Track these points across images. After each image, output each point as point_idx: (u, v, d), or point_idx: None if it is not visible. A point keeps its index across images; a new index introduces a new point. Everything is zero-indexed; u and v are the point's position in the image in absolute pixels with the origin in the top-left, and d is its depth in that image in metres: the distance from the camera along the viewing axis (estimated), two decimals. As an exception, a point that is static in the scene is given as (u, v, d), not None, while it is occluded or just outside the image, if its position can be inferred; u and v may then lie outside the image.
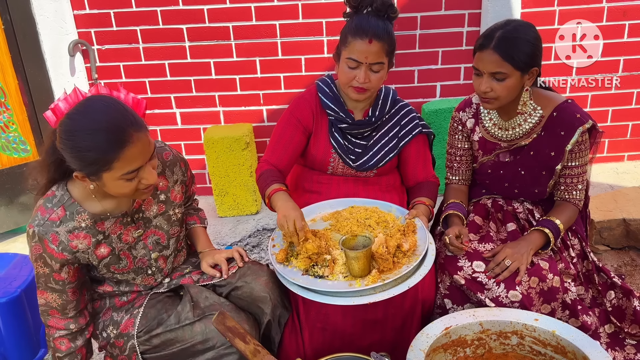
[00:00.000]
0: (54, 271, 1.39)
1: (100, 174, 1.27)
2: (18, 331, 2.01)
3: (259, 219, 3.12)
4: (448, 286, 1.67)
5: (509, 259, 1.61)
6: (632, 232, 2.47)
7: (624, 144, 3.45)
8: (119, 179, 1.28)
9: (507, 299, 1.57)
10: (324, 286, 1.47)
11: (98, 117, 1.25)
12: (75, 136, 1.24)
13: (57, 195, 1.39)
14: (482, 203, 1.90)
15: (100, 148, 1.23)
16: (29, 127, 2.98)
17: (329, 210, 1.80)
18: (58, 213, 1.37)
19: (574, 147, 1.69)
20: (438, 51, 3.17)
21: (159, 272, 1.60)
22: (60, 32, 3.01)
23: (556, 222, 1.69)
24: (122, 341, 1.53)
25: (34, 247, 1.38)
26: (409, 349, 1.39)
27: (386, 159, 1.88)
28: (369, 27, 1.65)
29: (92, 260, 1.44)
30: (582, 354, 1.36)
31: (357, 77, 1.70)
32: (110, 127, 1.24)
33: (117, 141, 1.23)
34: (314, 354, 1.64)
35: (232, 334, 1.36)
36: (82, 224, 1.39)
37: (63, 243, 1.37)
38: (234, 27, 3.09)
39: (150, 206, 1.53)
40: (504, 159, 1.81)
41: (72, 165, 1.29)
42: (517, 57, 1.58)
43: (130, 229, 1.49)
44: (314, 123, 1.88)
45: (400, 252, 1.54)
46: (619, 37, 3.16)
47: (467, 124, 1.86)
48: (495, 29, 1.63)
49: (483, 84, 1.64)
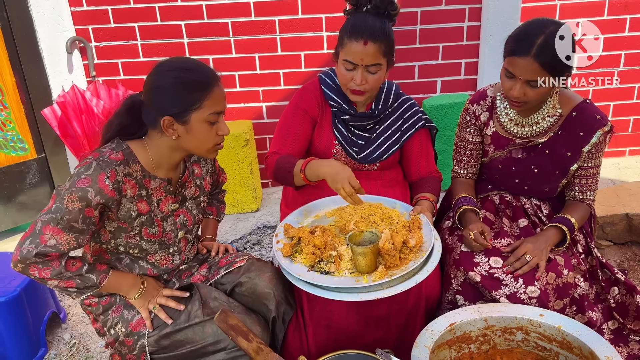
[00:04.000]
0: (88, 206, 1.32)
1: (191, 113, 1.38)
2: (18, 330, 1.99)
3: (259, 217, 3.11)
4: (462, 282, 1.65)
5: (530, 254, 1.59)
6: (635, 227, 2.47)
7: (625, 138, 3.44)
8: (204, 121, 1.40)
9: (525, 294, 1.56)
10: (330, 282, 1.45)
11: (189, 59, 1.44)
12: (173, 71, 1.38)
13: (114, 143, 1.44)
14: (490, 199, 1.88)
15: (196, 81, 1.37)
16: (27, 125, 2.96)
17: (333, 207, 1.79)
18: (117, 155, 1.40)
19: (591, 148, 1.66)
20: (439, 46, 3.15)
21: (177, 254, 1.61)
22: (57, 29, 2.98)
23: (572, 220, 1.68)
24: (131, 340, 1.51)
25: (82, 179, 1.32)
26: (414, 346, 1.38)
27: (389, 152, 1.87)
28: (364, 28, 1.62)
29: (132, 211, 1.43)
30: (589, 349, 1.35)
31: (354, 78, 1.67)
32: (202, 67, 1.42)
33: (208, 78, 1.40)
34: (317, 351, 1.63)
35: (235, 332, 1.35)
36: (134, 174, 1.43)
37: (117, 182, 1.37)
38: (232, 23, 3.07)
39: (190, 186, 1.60)
40: (517, 156, 1.78)
41: (160, 108, 1.38)
42: (558, 66, 1.53)
43: (169, 199, 1.53)
44: (320, 113, 1.86)
45: (407, 248, 1.53)
46: (620, 31, 3.15)
47: (480, 117, 1.82)
48: (534, 32, 1.53)
49: (517, 89, 1.57)
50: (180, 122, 1.39)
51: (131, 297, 1.51)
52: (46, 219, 1.32)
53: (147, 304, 1.52)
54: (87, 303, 1.57)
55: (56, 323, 2.30)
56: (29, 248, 1.31)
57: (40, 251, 1.31)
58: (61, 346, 2.17)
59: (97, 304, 1.56)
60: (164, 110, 1.38)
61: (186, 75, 1.38)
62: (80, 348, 2.16)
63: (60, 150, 3.13)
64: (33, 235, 1.32)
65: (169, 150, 1.46)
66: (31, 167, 3.03)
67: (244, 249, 2.80)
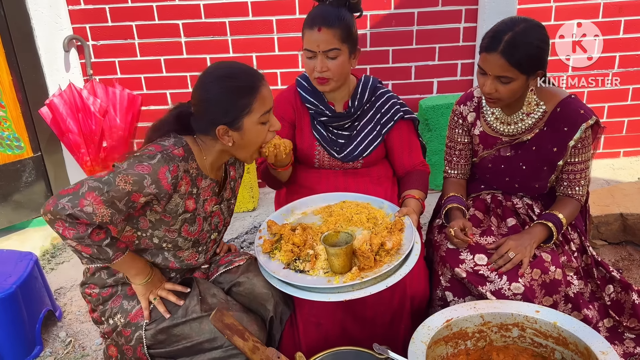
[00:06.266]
0: (138, 192, 1.33)
1: (242, 119, 1.39)
2: (13, 328, 1.98)
3: (255, 216, 3.11)
4: (449, 279, 1.66)
5: (513, 251, 1.60)
6: (629, 226, 2.48)
7: (619, 140, 3.46)
8: (257, 123, 1.42)
9: (509, 291, 1.57)
10: (302, 281, 1.46)
11: (231, 65, 1.44)
12: (219, 81, 1.39)
13: (172, 139, 1.44)
14: (481, 198, 1.90)
15: (243, 87, 1.38)
16: (23, 124, 2.95)
17: (321, 204, 1.79)
18: (179, 151, 1.41)
19: (577, 143, 1.68)
20: (435, 47, 3.16)
21: (204, 253, 1.61)
22: (54, 28, 2.98)
23: (559, 216, 1.69)
24: (129, 331, 1.51)
25: (144, 165, 1.33)
26: (411, 341, 1.38)
27: (371, 148, 1.86)
28: (318, 16, 1.67)
29: (180, 207, 1.43)
30: (584, 344, 1.36)
31: (315, 66, 1.70)
32: (245, 70, 1.43)
33: (253, 81, 1.40)
34: (308, 349, 1.63)
35: (231, 331, 1.35)
36: (191, 171, 1.44)
37: (177, 178, 1.38)
38: (230, 22, 3.07)
39: (228, 187, 1.61)
40: (505, 154, 1.80)
41: (211, 119, 1.39)
42: (524, 63, 1.55)
43: (214, 199, 1.54)
44: (296, 117, 1.88)
45: (384, 250, 1.52)
46: (615, 33, 3.17)
47: (468, 118, 1.85)
48: (503, 30, 1.57)
49: (488, 85, 1.61)
50: (234, 129, 1.41)
51: (136, 282, 1.50)
52: (93, 185, 1.31)
53: (149, 293, 1.51)
54: (88, 292, 1.57)
55: (52, 321, 2.29)
56: (65, 205, 1.29)
57: (74, 213, 1.29)
58: (57, 344, 2.16)
59: (98, 295, 1.56)
60: (217, 121, 1.39)
61: (232, 84, 1.38)
62: (76, 346, 2.15)
63: (56, 148, 3.12)
64: (75, 195, 1.30)
65: (219, 153, 1.49)
66: (27, 166, 3.02)
67: (241, 247, 2.80)
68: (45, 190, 3.13)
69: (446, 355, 1.49)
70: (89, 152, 2.94)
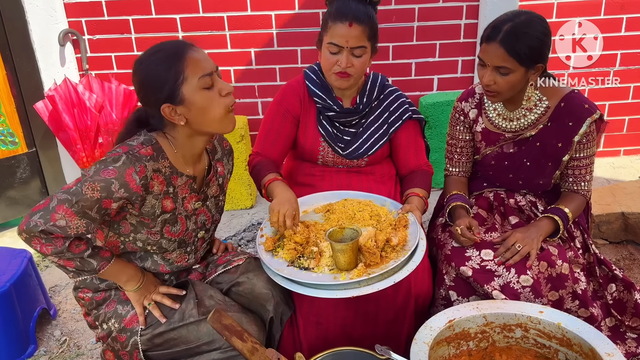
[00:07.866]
0: (107, 198, 1.29)
1: (180, 89, 1.32)
2: (6, 326, 1.95)
3: (253, 213, 3.08)
4: (453, 278, 1.64)
5: (520, 243, 1.59)
6: (631, 225, 2.46)
7: (620, 138, 3.45)
8: (198, 89, 1.33)
9: (518, 284, 1.55)
10: (308, 278, 1.44)
11: (154, 45, 1.39)
12: (144, 60, 1.35)
13: (141, 136, 1.40)
14: (484, 196, 1.88)
15: (168, 56, 1.32)
16: (18, 119, 2.91)
17: (323, 203, 1.77)
18: (147, 150, 1.36)
19: (582, 137, 1.66)
20: (436, 44, 3.14)
21: (193, 254, 1.57)
22: (49, 21, 2.93)
23: (565, 210, 1.67)
24: (124, 336, 1.47)
25: (109, 170, 1.29)
26: (413, 342, 1.36)
27: (376, 146, 1.85)
28: (349, 11, 1.63)
29: (157, 208, 1.39)
30: (589, 346, 1.34)
31: (339, 61, 1.67)
32: (168, 44, 1.37)
33: (177, 51, 1.34)
34: (308, 348, 1.61)
35: (229, 332, 1.32)
36: (163, 170, 1.39)
37: (146, 178, 1.33)
38: (228, 17, 3.04)
39: (213, 184, 1.56)
40: (508, 150, 1.78)
41: (153, 101, 1.34)
42: (523, 53, 1.54)
43: (193, 196, 1.49)
44: (302, 111, 1.85)
45: (389, 246, 1.51)
46: (617, 30, 3.15)
47: (469, 115, 1.82)
48: (504, 20, 1.58)
49: (486, 76, 1.60)
50: (178, 104, 1.34)
51: (128, 289, 1.47)
52: (62, 198, 1.28)
53: (143, 299, 1.48)
54: (81, 296, 1.53)
55: (46, 319, 2.26)
56: (38, 222, 1.27)
57: (47, 229, 1.27)
58: (51, 343, 2.13)
59: (91, 299, 1.52)
60: (158, 102, 1.34)
61: (155, 58, 1.34)
62: (70, 345, 2.12)
63: (51, 144, 3.08)
64: (45, 210, 1.28)
65: (188, 140, 1.42)
66: (21, 162, 2.99)
67: (238, 245, 2.77)
68: (40, 187, 3.09)
69: (448, 356, 1.46)
70: (84, 148, 2.91)
